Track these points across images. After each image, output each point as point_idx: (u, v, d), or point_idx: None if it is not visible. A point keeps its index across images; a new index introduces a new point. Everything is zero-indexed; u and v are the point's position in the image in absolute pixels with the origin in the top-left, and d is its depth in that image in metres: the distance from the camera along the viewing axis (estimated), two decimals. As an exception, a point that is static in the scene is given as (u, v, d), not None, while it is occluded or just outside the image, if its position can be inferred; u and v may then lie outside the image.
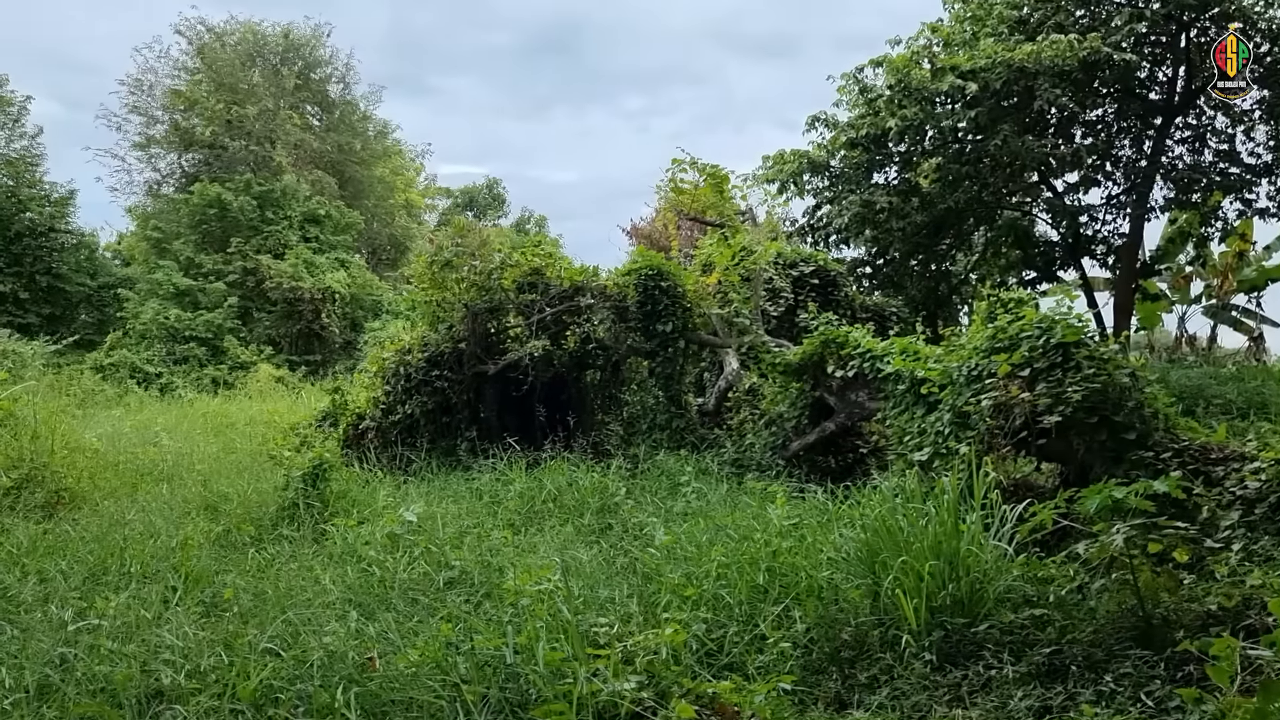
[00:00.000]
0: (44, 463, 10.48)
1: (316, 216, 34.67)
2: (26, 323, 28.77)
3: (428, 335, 13.71)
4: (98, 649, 5.47)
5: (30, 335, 26.28)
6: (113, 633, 5.74)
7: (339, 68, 40.26)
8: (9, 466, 10.10)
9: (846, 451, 11.15)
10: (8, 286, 29.29)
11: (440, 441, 13.01)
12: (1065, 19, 19.89)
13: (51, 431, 11.19)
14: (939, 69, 19.05)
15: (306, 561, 7.59)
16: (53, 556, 7.70)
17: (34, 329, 28.09)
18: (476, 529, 8.27)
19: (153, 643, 5.57)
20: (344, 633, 5.53)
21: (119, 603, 6.24)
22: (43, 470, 10.36)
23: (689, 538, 7.22)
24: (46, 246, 30.69)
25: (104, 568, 7.43)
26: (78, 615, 6.05)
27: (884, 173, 21.48)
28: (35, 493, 9.98)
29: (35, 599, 6.58)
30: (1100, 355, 7.51)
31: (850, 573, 5.95)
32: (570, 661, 4.65)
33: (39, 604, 6.45)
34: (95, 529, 8.68)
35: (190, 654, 5.36)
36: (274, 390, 25.56)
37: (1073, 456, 7.52)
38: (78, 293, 31.62)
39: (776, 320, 14.56)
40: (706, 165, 14.10)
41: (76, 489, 10.52)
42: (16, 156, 31.15)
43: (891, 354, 9.70)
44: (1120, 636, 4.95)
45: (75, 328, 30.40)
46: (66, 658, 5.40)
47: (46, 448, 10.77)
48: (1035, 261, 23.78)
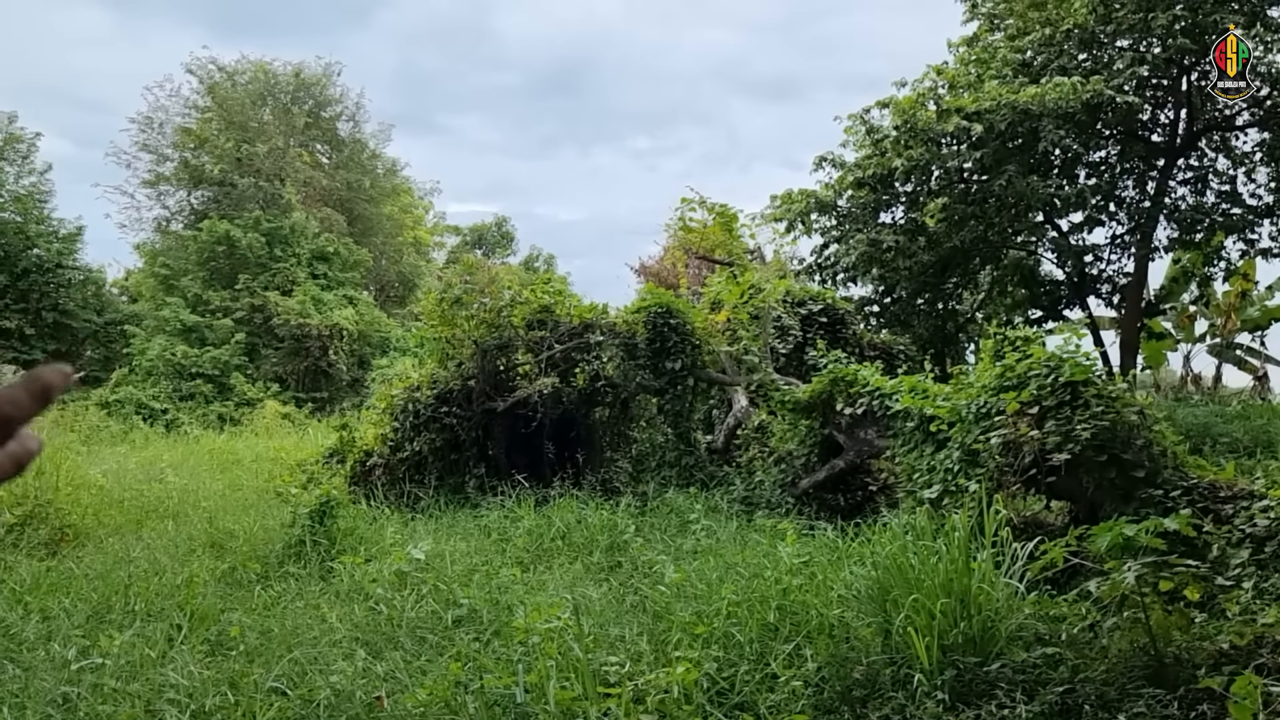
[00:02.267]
0: (48, 499, 10.45)
1: (325, 253, 34.86)
2: (32, 358, 28.87)
3: (437, 372, 13.73)
4: (101, 688, 5.43)
5: (36, 371, 26.29)
6: (116, 672, 5.70)
7: (349, 106, 40.69)
8: (13, 503, 10.08)
9: (856, 489, 11.12)
10: (14, 322, 29.42)
11: (448, 478, 12.99)
12: (1068, 62, 20.09)
13: (56, 468, 11.18)
14: (944, 110, 19.22)
15: (313, 599, 7.55)
16: (56, 594, 7.65)
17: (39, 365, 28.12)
18: (485, 566, 8.24)
19: (157, 682, 5.54)
20: (351, 672, 5.50)
21: (123, 641, 6.19)
22: (47, 507, 10.33)
23: (699, 575, 7.19)
24: (53, 282, 30.87)
25: (108, 605, 7.38)
26: (81, 654, 6.00)
27: (891, 212, 21.61)
28: (39, 529, 9.95)
29: (38, 637, 6.53)
30: (1109, 393, 7.50)
31: (861, 611, 5.91)
32: (581, 701, 4.62)
33: (42, 642, 6.40)
34: (99, 566, 8.65)
35: (195, 694, 5.33)
36: (280, 427, 25.57)
37: (1082, 494, 7.49)
38: (84, 329, 31.75)
39: (785, 358, 14.57)
40: (715, 204, 14.20)
41: (81, 526, 10.50)
42: (25, 193, 31.39)
43: (900, 392, 9.70)
44: (1133, 675, 4.90)
45: (81, 364, 30.50)
46: (70, 697, 5.36)
47: (51, 484, 10.75)
48: (1041, 300, 23.84)
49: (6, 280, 29.69)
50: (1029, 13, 21.11)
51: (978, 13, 22.74)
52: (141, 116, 37.59)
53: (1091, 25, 19.73)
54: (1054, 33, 20.30)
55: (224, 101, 37.35)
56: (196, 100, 37.94)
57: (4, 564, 8.58)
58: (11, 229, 30.21)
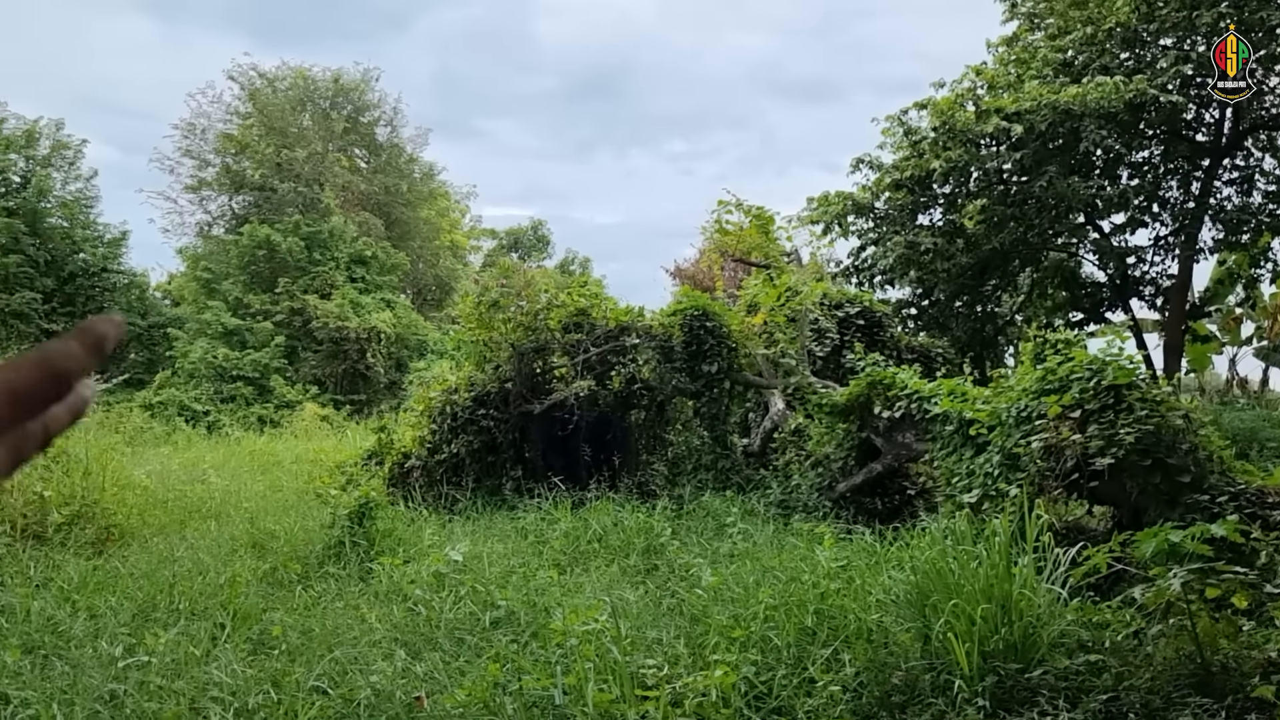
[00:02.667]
0: (95, 499, 10.61)
1: (363, 257, 35.15)
2: (79, 361, 29.32)
3: (474, 375, 13.80)
4: (147, 685, 5.51)
5: (82, 374, 26.78)
6: (162, 669, 5.78)
7: (387, 111, 40.98)
8: (61, 503, 10.24)
9: (894, 493, 11.04)
10: (60, 325, 29.88)
11: (485, 480, 13.04)
12: (1110, 61, 19.85)
13: (102, 469, 11.35)
14: (984, 111, 19.06)
15: (352, 600, 7.61)
16: (103, 592, 7.77)
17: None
18: (522, 569, 8.27)
19: (201, 680, 5.61)
20: (391, 672, 5.54)
21: (168, 639, 6.28)
22: (93, 507, 10.49)
23: (736, 579, 7.17)
24: (99, 286, 31.37)
25: (153, 604, 7.49)
26: (127, 651, 6.08)
27: (929, 214, 21.45)
28: (86, 529, 10.11)
29: (86, 634, 6.63)
30: (1153, 397, 7.40)
31: (900, 615, 5.87)
32: (619, 703, 4.62)
33: (89, 640, 6.50)
34: (144, 565, 8.77)
35: (238, 692, 5.39)
36: (319, 429, 25.81)
37: (1126, 499, 7.40)
38: (128, 332, 32.24)
39: (822, 361, 14.50)
40: (752, 207, 14.16)
41: (126, 525, 10.65)
42: (72, 199, 31.88)
43: (939, 395, 9.63)
44: (1179, 684, 4.83)
45: (125, 366, 30.99)
46: (116, 694, 5.44)
47: (97, 484, 10.92)
48: (1082, 303, 23.55)
49: (54, 284, 30.21)
50: (1070, 11, 20.87)
51: (1017, 12, 22.51)
52: (184, 123, 38.16)
53: (1134, 23, 19.47)
54: (1096, 31, 20.06)
55: (265, 107, 37.78)
56: (238, 106, 38.42)
57: (52, 562, 8.73)
58: (59, 234, 30.73)
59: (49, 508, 9.92)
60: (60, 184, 31.77)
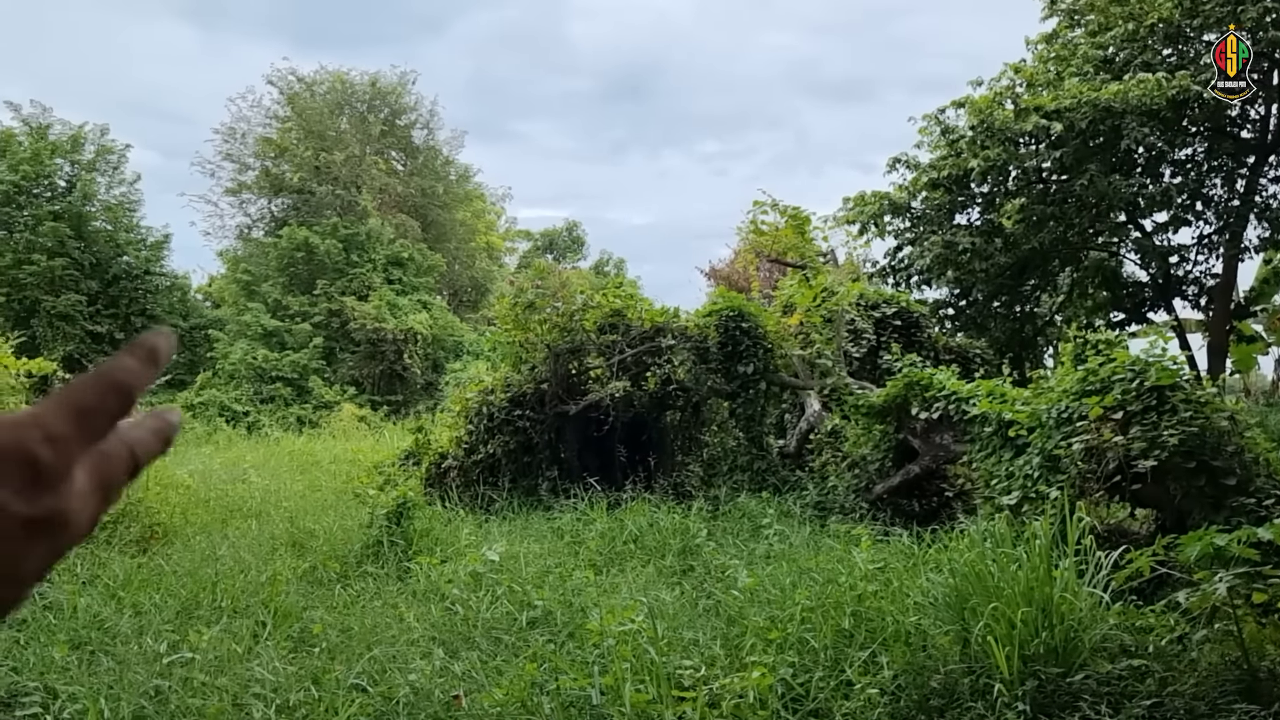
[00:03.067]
0: (139, 498, 10.77)
1: (400, 259, 35.43)
2: (122, 362, 29.79)
3: (510, 376, 13.86)
4: (191, 681, 5.59)
5: (125, 375, 27.23)
6: (205, 666, 5.86)
7: (423, 114, 41.27)
8: (107, 501, 10.40)
9: (931, 495, 10.95)
10: (105, 327, 30.42)
11: (521, 481, 13.10)
12: (1152, 58, 19.56)
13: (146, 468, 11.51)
14: (1023, 109, 18.85)
15: (391, 599, 7.68)
16: (147, 589, 7.89)
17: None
18: (558, 569, 8.29)
19: (244, 676, 5.68)
20: (429, 670, 5.58)
21: (211, 636, 6.37)
22: (137, 505, 10.66)
23: (772, 580, 7.15)
24: (142, 289, 31.90)
25: (196, 602, 7.60)
26: (171, 648, 6.18)
27: (966, 214, 21.24)
28: (131, 527, 10.27)
29: (131, 631, 6.74)
30: (1197, 398, 7.29)
31: (939, 618, 5.82)
32: (656, 704, 4.62)
33: (134, 636, 6.60)
34: (187, 563, 8.89)
35: (280, 689, 5.45)
36: (356, 429, 26.05)
37: (1169, 502, 7.29)
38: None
39: (858, 361, 14.42)
40: (788, 207, 14.11)
41: (169, 524, 10.81)
42: (116, 202, 32.40)
43: (978, 396, 9.54)
44: (1224, 690, 4.76)
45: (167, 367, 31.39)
46: (161, 689, 5.53)
47: (142, 483, 11.08)
48: (1123, 303, 23.21)
49: (98, 286, 30.73)
50: (1111, 8, 20.59)
51: (1057, 9, 22.24)
52: (225, 127, 38.67)
53: (1177, 19, 19.18)
54: (1138, 27, 19.77)
55: (303, 111, 38.18)
56: (277, 110, 38.87)
57: (98, 560, 8.87)
58: (103, 237, 31.26)
59: (94, 506, 10.07)
60: (105, 188, 32.32)
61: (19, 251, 29.08)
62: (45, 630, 6.76)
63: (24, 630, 6.83)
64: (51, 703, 5.37)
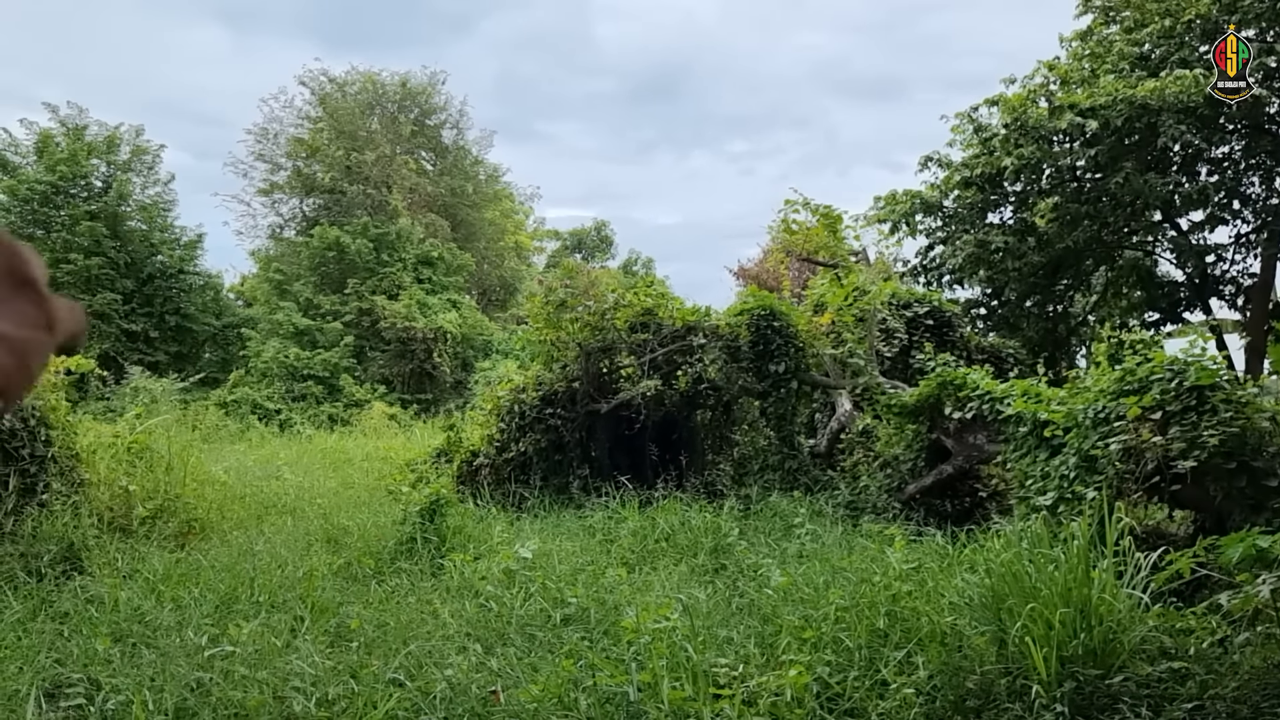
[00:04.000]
0: (176, 494, 10.92)
1: (430, 258, 35.62)
2: (155, 360, 30.18)
3: (542, 374, 13.91)
4: (232, 674, 5.66)
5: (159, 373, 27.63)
6: (245, 659, 5.93)
7: (452, 114, 41.45)
8: (145, 497, 10.55)
9: (964, 495, 10.90)
10: (139, 326, 30.79)
11: (553, 479, 13.14)
12: (1189, 54, 19.32)
13: (183, 464, 11.66)
14: (1057, 107, 18.69)
15: (425, 595, 7.72)
16: (186, 584, 7.99)
17: (162, 366, 29.53)
18: (591, 566, 8.31)
19: (283, 670, 5.74)
20: (466, 666, 5.61)
21: (250, 630, 6.44)
22: (175, 501, 10.80)
23: (805, 579, 7.14)
24: (176, 288, 32.27)
25: (234, 596, 7.68)
26: (211, 641, 6.24)
27: (999, 212, 21.09)
28: (169, 523, 10.40)
29: (171, 624, 6.82)
30: (1238, 398, 7.21)
31: (975, 619, 5.79)
32: (693, 701, 4.63)
33: (175, 629, 6.69)
34: (225, 559, 8.99)
35: (319, 682, 5.51)
36: (387, 428, 26.21)
37: (1208, 504, 7.22)
38: (203, 332, 33.11)
39: (890, 361, 14.36)
40: (819, 206, 14.06)
41: (206, 520, 10.93)
42: (150, 202, 32.77)
43: (1012, 396, 9.48)
44: (1267, 694, 4.70)
45: (200, 365, 31.83)
46: (203, 682, 5.59)
47: (179, 479, 11.24)
48: (1159, 303, 22.96)
49: (133, 285, 31.11)
50: (1147, 4, 20.36)
51: (1091, 5, 22.02)
52: (257, 128, 39.02)
53: (1214, 15, 18.93)
54: (1174, 24, 19.54)
55: (334, 111, 38.45)
56: (308, 111, 39.16)
57: (138, 554, 8.99)
58: (138, 236, 31.64)
59: (134, 502, 10.23)
60: (139, 188, 32.69)
61: (56, 251, 29.48)
62: (88, 623, 6.87)
63: (67, 623, 6.94)
64: (95, 694, 5.46)
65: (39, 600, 7.57)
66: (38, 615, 7.16)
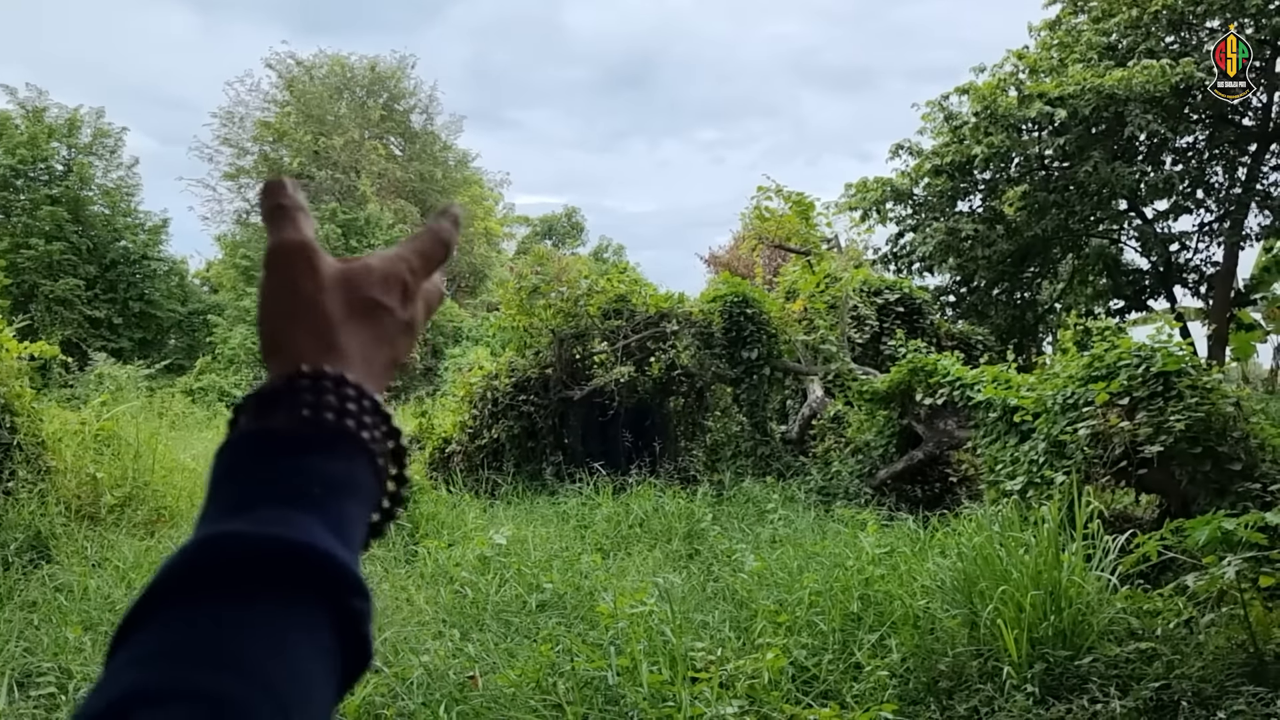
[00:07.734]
0: (145, 481, 10.78)
1: (399, 244, 35.39)
2: (120, 347, 29.79)
3: (514, 361, 13.88)
4: (205, 661, 5.61)
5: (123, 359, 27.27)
6: (218, 646, 5.87)
7: (422, 99, 41.17)
8: (113, 485, 10.42)
9: (935, 480, 11.01)
10: (103, 312, 30.39)
11: (526, 465, 13.13)
12: (1156, 45, 19.56)
13: (151, 451, 11.52)
14: (1026, 96, 18.86)
15: (399, 581, 7.69)
16: (156, 572, 7.91)
17: (126, 353, 29.14)
18: (565, 553, 8.32)
19: (258, 657, 5.70)
20: (443, 652, 5.61)
21: (223, 617, 6.38)
22: (144, 489, 10.65)
23: (779, 564, 7.19)
24: (140, 273, 31.83)
25: (206, 584, 7.61)
26: (184, 629, 6.19)
27: (968, 200, 21.30)
28: (138, 510, 10.26)
29: (143, 613, 6.75)
30: (1203, 384, 7.33)
31: (946, 602, 5.86)
32: (671, 685, 4.66)
33: (146, 618, 6.62)
34: (195, 546, 8.90)
35: (294, 668, 5.47)
36: (357, 414, 25.99)
37: (1174, 488, 7.34)
38: (168, 318, 32.72)
39: (861, 348, 14.46)
40: (792, 193, 14.11)
41: (175, 508, 10.79)
42: (113, 186, 32.32)
43: (982, 382, 9.58)
44: (1231, 673, 4.80)
45: (166, 352, 31.47)
46: (176, 669, 5.54)
47: (147, 467, 11.10)
48: (1124, 290, 23.28)
49: (96, 271, 30.68)
50: (1114, -6, 20.59)
51: (1060, -5, 22.23)
52: (223, 111, 38.57)
53: (1180, 6, 19.17)
54: (1141, 14, 19.76)
55: (302, 95, 38.06)
56: (275, 95, 38.74)
57: (107, 542, 8.88)
58: (100, 221, 31.20)
59: (102, 489, 10.10)
60: (102, 172, 32.21)
61: (17, 235, 29.03)
62: (57, 612, 6.79)
63: (36, 612, 6.86)
64: (67, 683, 5.40)
65: (6, 589, 7.46)
66: (5, 604, 7.07)
